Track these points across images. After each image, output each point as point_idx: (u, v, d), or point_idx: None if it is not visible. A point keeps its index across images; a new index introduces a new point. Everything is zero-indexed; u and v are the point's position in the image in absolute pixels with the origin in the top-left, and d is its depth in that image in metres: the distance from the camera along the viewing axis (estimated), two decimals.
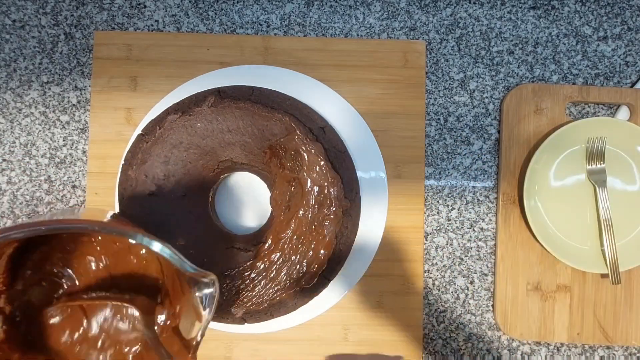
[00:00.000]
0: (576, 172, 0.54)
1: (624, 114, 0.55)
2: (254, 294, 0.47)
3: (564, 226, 0.53)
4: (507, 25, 0.56)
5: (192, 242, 0.48)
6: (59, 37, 0.55)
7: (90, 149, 0.54)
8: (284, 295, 0.47)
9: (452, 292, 0.55)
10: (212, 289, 0.36)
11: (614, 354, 0.54)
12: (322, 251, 0.46)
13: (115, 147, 0.54)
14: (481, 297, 0.55)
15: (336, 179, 0.46)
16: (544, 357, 0.54)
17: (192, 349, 0.38)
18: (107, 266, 0.46)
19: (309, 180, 0.46)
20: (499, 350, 0.54)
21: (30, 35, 0.55)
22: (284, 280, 0.47)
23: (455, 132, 0.55)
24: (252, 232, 0.52)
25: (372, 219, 0.52)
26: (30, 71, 0.55)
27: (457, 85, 0.55)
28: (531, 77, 0.56)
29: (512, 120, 0.54)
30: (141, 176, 0.48)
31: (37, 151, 0.54)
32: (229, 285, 0.47)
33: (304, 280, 0.47)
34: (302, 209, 0.47)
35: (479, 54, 0.56)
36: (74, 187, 0.55)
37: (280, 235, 0.47)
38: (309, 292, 0.48)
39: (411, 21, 0.56)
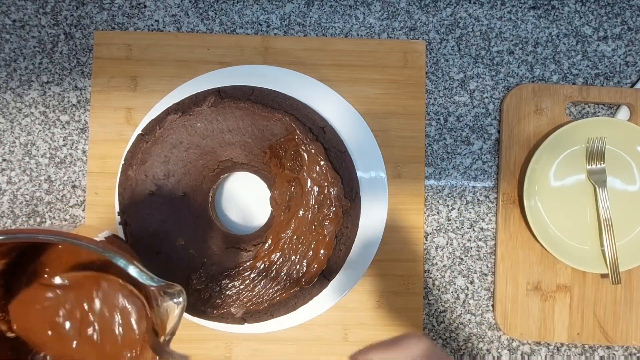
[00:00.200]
0: (576, 172, 0.54)
1: (624, 114, 0.55)
2: (254, 294, 0.47)
3: (564, 226, 0.53)
4: (507, 25, 0.56)
5: (192, 242, 0.48)
6: (59, 37, 0.55)
7: (90, 149, 0.54)
8: (284, 295, 0.47)
9: (452, 292, 0.55)
10: (180, 298, 0.37)
11: (614, 354, 0.54)
12: (322, 251, 0.46)
13: (115, 147, 0.54)
14: (481, 297, 0.55)
15: (336, 179, 0.46)
16: (544, 357, 0.54)
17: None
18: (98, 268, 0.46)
19: (309, 180, 0.46)
20: (499, 350, 0.54)
21: (30, 35, 0.55)
22: (284, 280, 0.47)
23: (455, 132, 0.55)
24: (252, 232, 0.52)
25: (372, 219, 0.52)
26: (30, 71, 0.55)
27: (457, 85, 0.55)
28: (531, 77, 0.56)
29: (512, 120, 0.54)
30: (141, 176, 0.47)
31: (37, 151, 0.54)
32: (229, 285, 0.47)
33: (304, 280, 0.47)
34: (302, 209, 0.47)
35: (479, 54, 0.56)
36: (74, 187, 0.54)
37: (280, 235, 0.47)
38: (309, 292, 0.48)
39: (411, 21, 0.56)
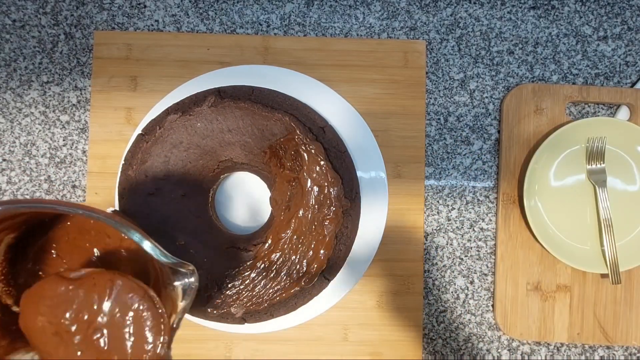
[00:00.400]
0: (576, 172, 0.54)
1: (624, 114, 0.55)
2: (254, 294, 0.47)
3: (564, 226, 0.53)
4: (507, 25, 0.56)
5: (192, 242, 0.48)
6: (59, 37, 0.55)
7: (90, 148, 0.54)
8: (284, 295, 0.47)
9: (452, 292, 0.55)
10: (192, 278, 0.37)
11: (614, 354, 0.54)
12: (322, 251, 0.46)
13: (115, 147, 0.54)
14: (481, 297, 0.55)
15: (336, 179, 0.46)
16: (544, 357, 0.54)
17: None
18: (100, 257, 0.46)
19: (309, 180, 0.46)
20: (499, 350, 0.54)
21: (30, 35, 0.55)
22: (284, 280, 0.47)
23: (455, 132, 0.55)
24: (252, 232, 0.52)
25: (372, 219, 0.52)
26: (30, 71, 0.55)
27: (457, 85, 0.55)
28: (531, 77, 0.56)
29: (512, 120, 0.54)
30: (141, 176, 0.47)
31: (37, 151, 0.54)
32: (229, 285, 0.47)
33: (304, 280, 0.47)
34: (302, 209, 0.47)
35: (479, 54, 0.56)
36: (74, 187, 0.54)
37: (280, 235, 0.47)
38: (309, 292, 0.48)
39: (411, 21, 0.56)
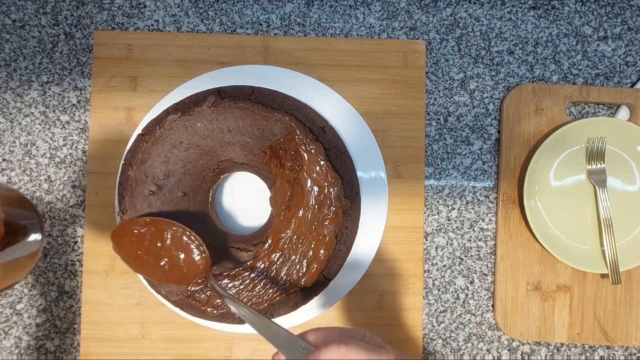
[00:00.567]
0: (576, 172, 0.54)
1: (624, 114, 0.55)
2: (254, 294, 0.47)
3: (564, 226, 0.53)
4: (507, 25, 0.56)
5: None
6: (59, 37, 0.55)
7: (90, 148, 0.54)
8: (284, 295, 0.47)
9: (452, 292, 0.55)
10: None
11: (614, 354, 0.54)
12: (322, 251, 0.46)
13: (115, 147, 0.54)
14: (481, 297, 0.55)
15: (336, 179, 0.46)
16: (544, 357, 0.54)
17: None
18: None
19: (309, 180, 0.46)
20: (499, 350, 0.54)
21: (30, 35, 0.55)
22: (284, 280, 0.47)
23: (455, 132, 0.55)
24: (252, 232, 0.52)
25: (372, 219, 0.52)
26: (30, 71, 0.55)
27: (457, 85, 0.55)
28: (531, 77, 0.56)
29: (512, 120, 0.54)
30: (141, 176, 0.47)
31: (37, 151, 0.54)
32: (229, 285, 0.47)
33: (304, 280, 0.47)
34: (302, 209, 0.47)
35: (479, 54, 0.56)
36: (74, 187, 0.54)
37: (280, 235, 0.47)
38: (309, 292, 0.48)
39: (411, 21, 0.56)
